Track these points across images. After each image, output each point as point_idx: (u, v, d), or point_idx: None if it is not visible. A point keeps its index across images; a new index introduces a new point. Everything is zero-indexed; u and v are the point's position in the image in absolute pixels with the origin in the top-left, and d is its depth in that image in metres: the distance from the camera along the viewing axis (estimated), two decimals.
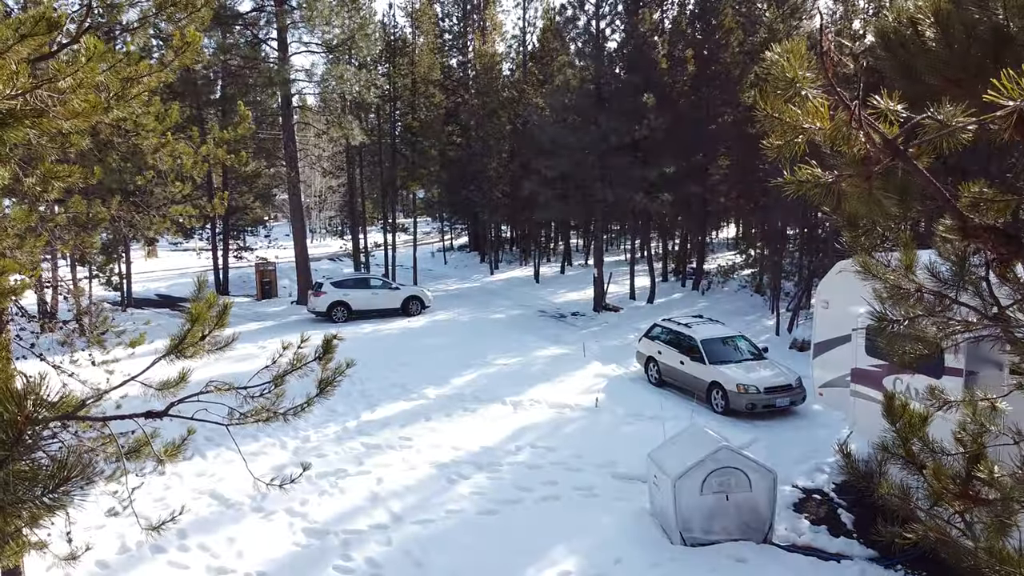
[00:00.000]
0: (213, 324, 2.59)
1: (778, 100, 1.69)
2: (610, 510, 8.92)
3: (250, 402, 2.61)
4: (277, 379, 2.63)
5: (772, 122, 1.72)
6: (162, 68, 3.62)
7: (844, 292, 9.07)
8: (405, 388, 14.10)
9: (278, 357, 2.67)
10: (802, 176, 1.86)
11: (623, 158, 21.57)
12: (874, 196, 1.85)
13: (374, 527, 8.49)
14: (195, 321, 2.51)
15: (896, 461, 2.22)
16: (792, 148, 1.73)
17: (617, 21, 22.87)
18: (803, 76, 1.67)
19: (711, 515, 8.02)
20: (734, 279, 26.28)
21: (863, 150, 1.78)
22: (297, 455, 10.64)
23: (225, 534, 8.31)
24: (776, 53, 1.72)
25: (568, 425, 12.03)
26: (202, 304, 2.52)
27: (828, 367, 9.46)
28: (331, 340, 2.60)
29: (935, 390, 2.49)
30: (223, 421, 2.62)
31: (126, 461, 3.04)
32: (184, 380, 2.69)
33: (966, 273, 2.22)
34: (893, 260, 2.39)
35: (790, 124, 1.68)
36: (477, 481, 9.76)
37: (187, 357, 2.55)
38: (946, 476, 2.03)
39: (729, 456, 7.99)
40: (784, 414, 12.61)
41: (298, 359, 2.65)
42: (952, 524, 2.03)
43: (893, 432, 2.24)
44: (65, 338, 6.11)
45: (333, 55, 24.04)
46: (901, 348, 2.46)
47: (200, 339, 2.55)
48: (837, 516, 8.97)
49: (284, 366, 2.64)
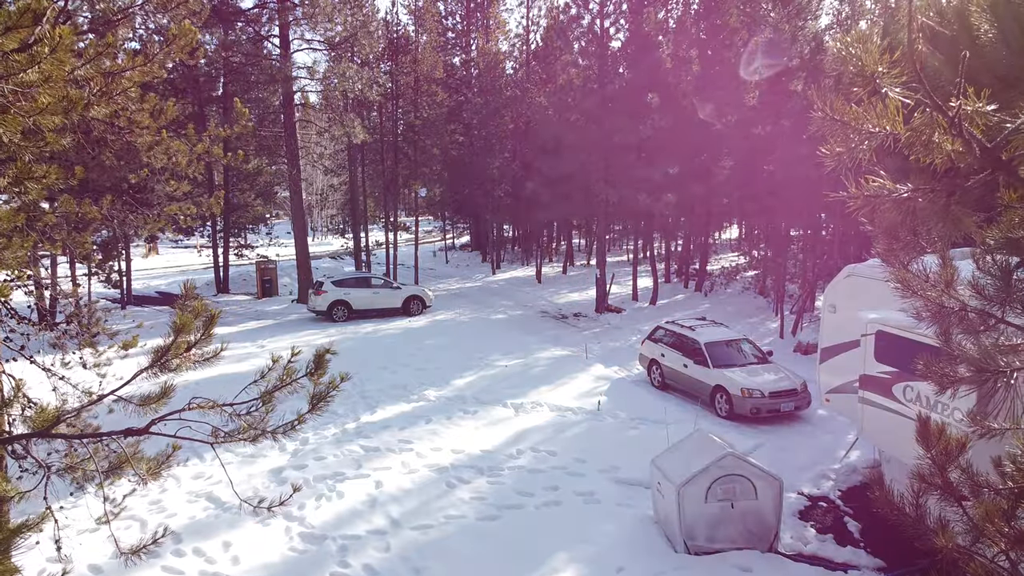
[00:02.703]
0: (200, 334, 2.43)
1: (838, 101, 1.47)
2: (612, 516, 8.77)
3: (236, 420, 2.46)
4: (265, 396, 2.48)
5: (831, 126, 1.49)
6: (146, 62, 3.46)
7: (852, 297, 8.91)
8: (405, 389, 13.95)
9: (267, 371, 2.51)
10: (871, 189, 1.62)
11: (626, 158, 21.41)
12: (952, 213, 1.60)
13: (372, 532, 8.35)
14: (180, 332, 2.35)
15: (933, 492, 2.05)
16: (857, 156, 1.50)
17: (621, 20, 22.70)
18: (883, 71, 1.44)
19: (716, 523, 7.86)
20: (737, 281, 26.12)
21: (945, 160, 1.53)
22: (296, 457, 10.50)
23: (221, 539, 8.16)
24: (845, 43, 1.50)
25: (570, 428, 11.88)
26: (188, 314, 2.35)
27: (835, 373, 9.29)
28: (323, 354, 2.44)
29: (975, 415, 2.32)
30: (208, 439, 2.47)
31: (106, 478, 2.89)
32: (167, 395, 2.54)
33: (1014, 289, 2.03)
34: (931, 274, 2.21)
35: (855, 128, 1.45)
36: (477, 486, 9.60)
37: (171, 370, 2.40)
38: (992, 511, 1.85)
39: (735, 463, 7.84)
40: (789, 419, 12.45)
41: (288, 374, 2.49)
42: (997, 564, 1.87)
43: (928, 459, 2.08)
44: (56, 340, 5.97)
45: (335, 52, 23.89)
46: (940, 371, 2.28)
47: (186, 351, 2.39)
48: (844, 524, 8.81)
49: (273, 381, 2.48)
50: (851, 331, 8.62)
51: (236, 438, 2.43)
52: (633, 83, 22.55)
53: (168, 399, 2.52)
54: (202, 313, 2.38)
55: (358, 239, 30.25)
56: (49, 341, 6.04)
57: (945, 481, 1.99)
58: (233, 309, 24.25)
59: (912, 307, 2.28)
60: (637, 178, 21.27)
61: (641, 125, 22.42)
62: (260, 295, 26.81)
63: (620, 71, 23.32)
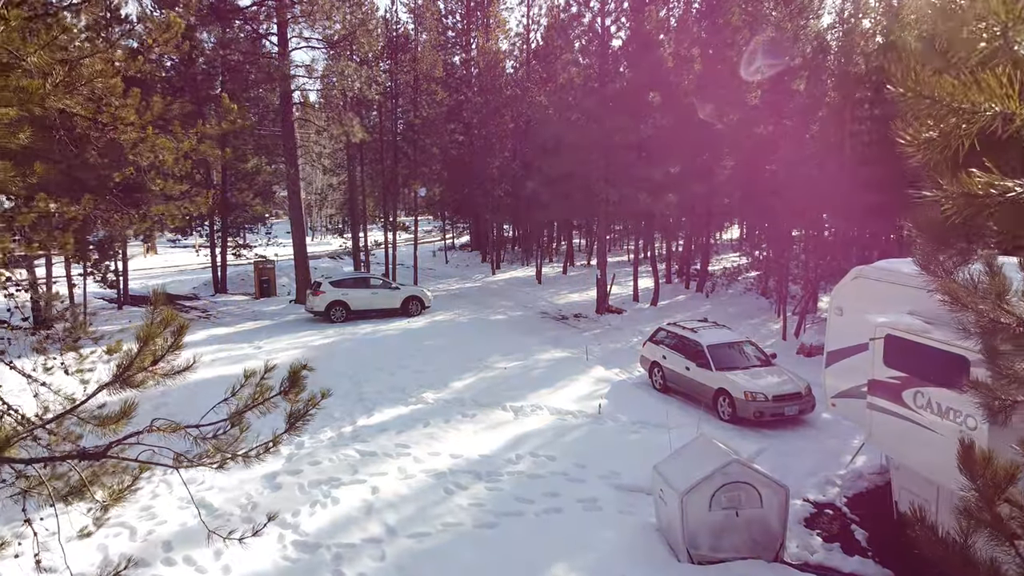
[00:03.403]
0: (167, 347, 2.22)
1: (924, 74, 1.17)
2: (614, 524, 8.57)
3: (201, 444, 2.25)
4: (234, 417, 2.27)
5: (918, 104, 1.20)
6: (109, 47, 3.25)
7: (860, 299, 8.69)
8: (403, 392, 13.74)
9: (239, 388, 2.30)
10: (975, 186, 1.33)
11: (627, 157, 21.19)
12: None
13: (368, 540, 8.14)
14: (144, 344, 2.14)
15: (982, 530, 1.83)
16: (953, 143, 1.22)
17: (622, 18, 22.46)
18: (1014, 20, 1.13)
19: (720, 532, 7.66)
20: (739, 282, 25.91)
21: None
22: (291, 462, 10.30)
23: (212, 547, 7.95)
24: None
25: (570, 432, 11.67)
26: (154, 324, 2.14)
27: (842, 377, 9.08)
28: (299, 371, 2.24)
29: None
30: (171, 464, 2.25)
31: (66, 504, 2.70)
32: (127, 415, 2.33)
33: None
34: (980, 286, 1.98)
35: (952, 107, 1.16)
36: (476, 492, 9.40)
37: (134, 386, 2.19)
38: None
39: (740, 470, 7.63)
40: (793, 423, 12.24)
41: (260, 393, 2.28)
42: None
43: (974, 491, 1.87)
44: (38, 344, 5.77)
45: (334, 51, 23.66)
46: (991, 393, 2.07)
47: (152, 364, 2.18)
48: (851, 532, 8.61)
49: (245, 400, 2.27)
50: (859, 334, 8.41)
51: (202, 463, 2.23)
52: (634, 82, 22.32)
53: (129, 418, 2.31)
54: (171, 322, 2.18)
55: (357, 239, 30.04)
56: (31, 345, 5.83)
57: (994, 516, 1.79)
58: (231, 309, 24.04)
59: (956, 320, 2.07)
60: (638, 177, 21.04)
61: (642, 124, 22.20)
62: (258, 295, 26.60)
63: (621, 70, 23.09)
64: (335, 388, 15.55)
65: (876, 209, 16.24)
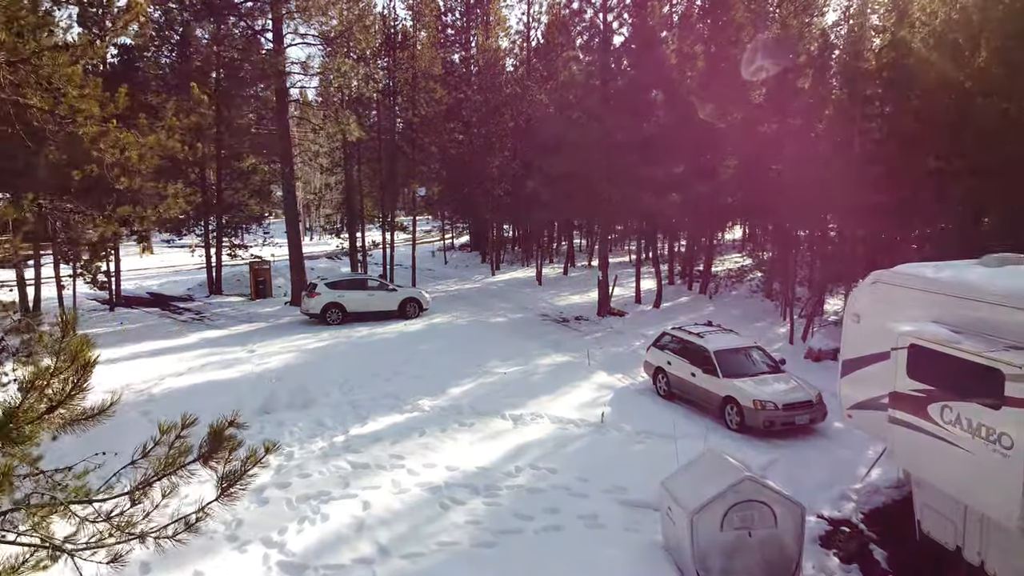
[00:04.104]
0: (69, 390, 1.73)
1: None
2: (618, 542, 8.11)
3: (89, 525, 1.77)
4: (138, 488, 1.79)
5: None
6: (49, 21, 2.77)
7: (880, 305, 8.22)
8: (398, 399, 13.26)
9: (150, 448, 1.83)
10: None
11: (629, 156, 20.68)
12: None
13: (357, 561, 7.67)
14: (29, 391, 1.65)
15: None
16: None
17: (624, 15, 21.94)
18: None
19: (731, 553, 7.19)
20: (743, 283, 25.42)
21: None
22: (279, 475, 9.82)
23: (193, 567, 7.49)
24: None
25: (572, 443, 11.19)
26: (62, 360, 1.65)
27: (859, 387, 8.59)
28: (221, 431, 1.77)
29: None
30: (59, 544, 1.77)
31: None
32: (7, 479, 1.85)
33: None
34: None
35: None
36: (473, 507, 8.92)
37: (18, 443, 1.69)
38: None
39: (753, 488, 7.17)
40: (804, 432, 11.77)
41: (174, 457, 1.80)
42: None
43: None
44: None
45: (330, 47, 23.15)
46: None
47: (47, 412, 1.70)
48: (869, 552, 8.15)
49: (158, 462, 1.78)
50: (878, 343, 7.93)
51: (94, 547, 1.76)
52: (636, 80, 21.85)
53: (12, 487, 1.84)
54: (79, 355, 1.69)
55: (354, 239, 29.52)
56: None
57: None
58: (225, 311, 23.56)
59: None
60: (640, 177, 20.54)
61: (644, 123, 21.73)
62: (254, 296, 26.12)
63: (623, 67, 22.60)
64: (327, 394, 14.96)
65: (888, 209, 15.75)
